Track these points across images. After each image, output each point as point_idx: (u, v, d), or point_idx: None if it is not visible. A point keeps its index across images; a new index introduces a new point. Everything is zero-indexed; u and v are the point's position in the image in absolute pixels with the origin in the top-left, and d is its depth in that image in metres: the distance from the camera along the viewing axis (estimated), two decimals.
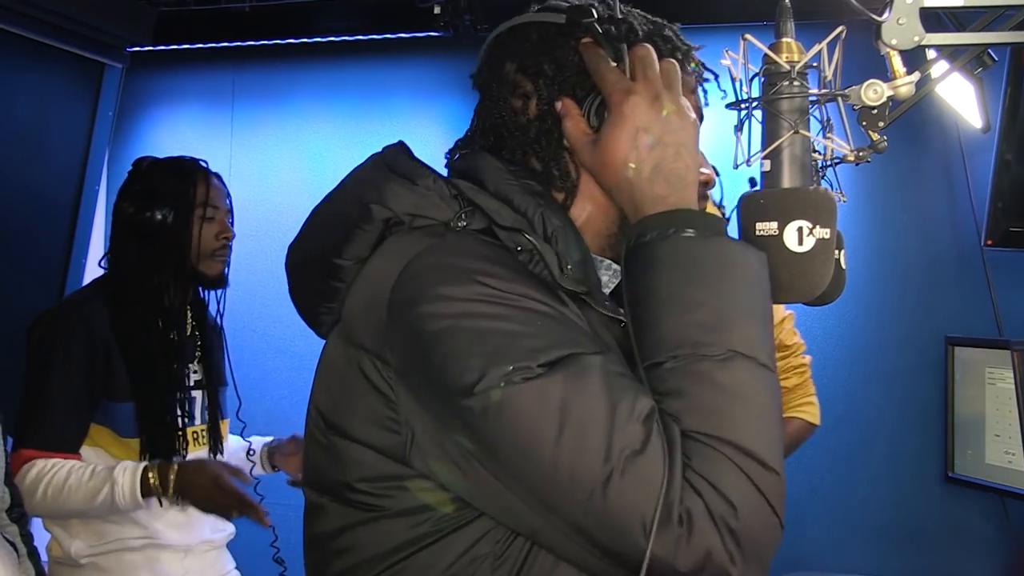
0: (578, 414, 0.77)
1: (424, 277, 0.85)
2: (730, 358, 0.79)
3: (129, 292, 1.93)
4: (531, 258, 0.89)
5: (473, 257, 0.87)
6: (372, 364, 0.87)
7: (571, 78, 0.95)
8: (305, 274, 0.99)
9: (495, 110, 0.99)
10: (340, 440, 0.90)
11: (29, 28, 2.61)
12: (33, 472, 1.80)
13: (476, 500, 0.85)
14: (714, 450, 0.76)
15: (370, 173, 0.97)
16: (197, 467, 1.87)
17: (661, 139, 0.89)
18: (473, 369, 0.79)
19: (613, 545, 0.77)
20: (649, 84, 0.90)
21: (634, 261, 0.86)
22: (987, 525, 2.60)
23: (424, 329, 0.82)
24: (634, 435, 0.76)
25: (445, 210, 0.92)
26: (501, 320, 0.81)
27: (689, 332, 0.80)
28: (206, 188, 1.98)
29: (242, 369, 2.18)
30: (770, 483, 0.77)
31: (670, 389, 0.79)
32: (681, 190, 0.89)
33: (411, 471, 0.86)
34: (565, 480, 0.76)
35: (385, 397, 0.86)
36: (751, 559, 0.75)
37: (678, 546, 0.74)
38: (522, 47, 0.98)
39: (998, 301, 2.57)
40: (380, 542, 0.88)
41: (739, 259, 0.85)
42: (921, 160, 2.71)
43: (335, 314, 0.95)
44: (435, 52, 3.04)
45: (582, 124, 0.94)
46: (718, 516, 0.74)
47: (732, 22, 2.57)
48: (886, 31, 1.02)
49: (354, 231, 0.93)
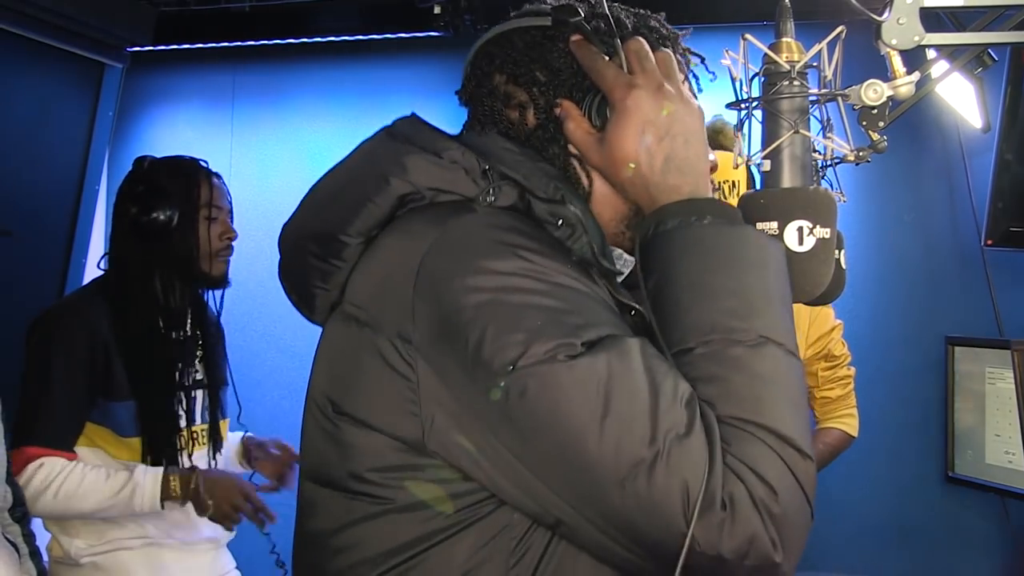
0: (623, 395, 0.75)
1: (461, 250, 0.82)
2: (762, 344, 0.79)
3: (131, 292, 1.93)
4: (572, 232, 0.87)
5: (512, 231, 0.84)
6: (390, 344, 0.83)
7: (566, 81, 0.93)
8: (301, 252, 0.94)
9: (489, 121, 0.96)
10: (351, 427, 0.86)
11: (29, 28, 2.61)
12: (42, 473, 1.80)
13: (498, 487, 0.81)
14: (752, 435, 0.75)
15: (384, 146, 0.93)
16: (218, 482, 1.89)
17: (669, 130, 0.88)
18: (515, 344, 0.76)
19: (651, 532, 0.74)
20: (649, 76, 0.89)
21: (654, 249, 0.85)
22: (987, 525, 2.60)
23: (462, 303, 0.79)
24: (679, 418, 0.74)
25: (471, 185, 0.89)
26: (544, 296, 0.79)
27: (719, 318, 0.79)
28: (209, 188, 1.98)
29: (242, 369, 2.18)
30: (805, 469, 0.76)
31: (703, 375, 0.78)
32: (695, 178, 0.88)
33: (426, 459, 0.82)
34: (607, 462, 0.74)
35: (404, 378, 0.82)
36: (790, 545, 0.74)
37: (722, 531, 0.72)
38: (509, 56, 0.95)
39: (998, 301, 2.57)
40: (386, 538, 0.84)
41: (762, 247, 0.85)
42: (921, 160, 2.71)
43: (331, 295, 0.92)
44: (435, 52, 3.04)
45: (584, 124, 0.92)
46: (760, 501, 0.73)
47: (732, 22, 2.57)
48: (886, 31, 1.02)
49: (364, 206, 0.89)
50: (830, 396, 2.24)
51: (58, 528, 1.91)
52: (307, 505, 0.92)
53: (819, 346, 2.19)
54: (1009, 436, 2.37)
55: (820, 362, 2.21)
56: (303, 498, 0.94)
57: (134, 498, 1.82)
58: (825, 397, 2.25)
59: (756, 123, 0.98)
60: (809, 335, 2.18)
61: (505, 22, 0.98)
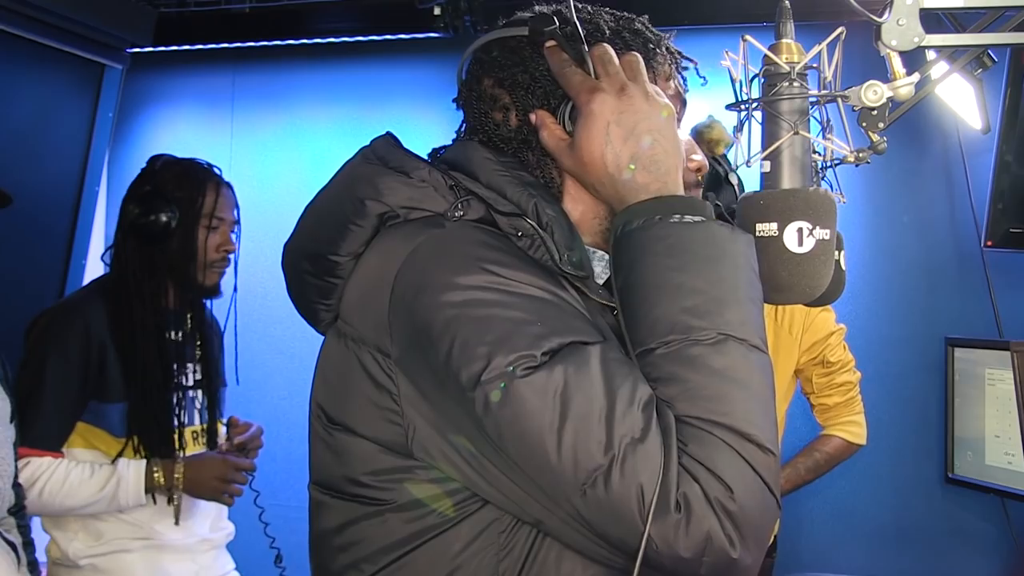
0: (579, 404, 0.77)
1: (430, 266, 0.86)
2: (722, 341, 0.80)
3: (128, 291, 1.93)
4: (532, 243, 0.90)
5: (477, 245, 0.87)
6: (372, 357, 0.88)
7: (544, 86, 0.96)
8: (302, 272, 0.99)
9: (478, 125, 1.00)
10: (343, 435, 0.91)
11: (30, 29, 2.61)
12: (28, 471, 1.80)
13: (480, 489, 0.85)
14: (709, 434, 0.77)
15: (361, 168, 0.97)
16: (202, 464, 1.90)
17: (633, 129, 0.89)
18: (479, 358, 0.79)
19: (614, 532, 0.77)
20: (612, 79, 0.91)
21: (621, 249, 0.87)
22: (987, 526, 2.60)
23: (430, 318, 0.83)
24: (635, 423, 0.77)
25: (441, 201, 0.93)
26: (506, 308, 0.82)
27: (680, 317, 0.81)
28: (215, 197, 1.97)
29: (242, 369, 2.18)
30: (766, 464, 0.78)
31: (663, 375, 0.80)
32: (663, 176, 0.89)
33: (415, 462, 0.86)
34: (566, 469, 0.77)
35: (385, 390, 0.87)
36: (750, 541, 0.76)
37: (677, 531, 0.75)
38: (495, 61, 0.99)
39: (998, 302, 2.57)
40: (384, 536, 0.89)
41: (726, 242, 0.86)
42: (921, 161, 2.71)
43: (332, 309, 0.96)
44: (435, 53, 3.03)
45: (557, 131, 0.94)
46: (715, 499, 0.75)
47: (732, 23, 2.57)
48: (886, 32, 1.02)
49: (349, 227, 0.93)
50: (827, 403, 2.22)
51: (57, 530, 1.91)
52: (314, 508, 0.98)
53: (814, 352, 2.17)
54: (1009, 437, 2.37)
55: (816, 368, 2.20)
56: (311, 502, 0.99)
57: (119, 491, 1.83)
58: (822, 404, 2.23)
59: (756, 124, 0.98)
60: (803, 340, 2.16)
61: (494, 31, 1.01)
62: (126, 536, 1.90)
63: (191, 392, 2.03)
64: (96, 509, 1.86)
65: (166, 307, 1.98)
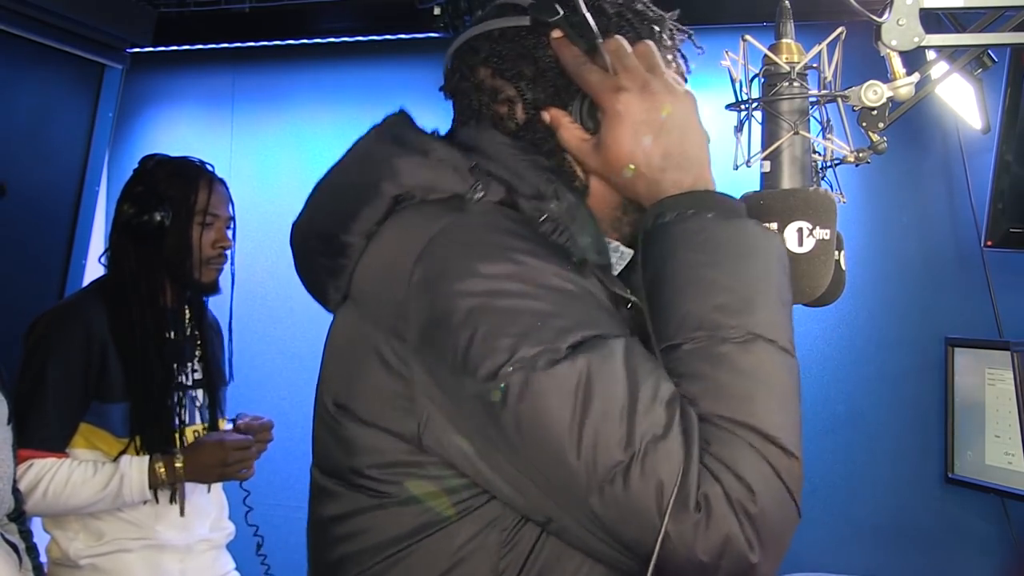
0: (601, 398, 0.75)
1: (453, 252, 0.83)
2: (750, 341, 0.78)
3: (126, 292, 1.93)
4: (555, 227, 0.87)
5: (503, 232, 0.85)
6: (386, 342, 0.85)
7: (552, 79, 0.93)
8: (311, 252, 0.97)
9: (479, 115, 0.96)
10: (351, 423, 0.88)
11: (29, 29, 2.61)
12: (32, 472, 1.80)
13: (489, 484, 0.83)
14: (733, 434, 0.75)
15: (376, 148, 0.95)
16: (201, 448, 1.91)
17: (663, 126, 0.87)
18: (502, 350, 0.77)
19: (630, 531, 0.75)
20: (632, 75, 0.88)
21: (653, 242, 0.85)
22: (987, 526, 2.60)
23: (453, 306, 0.80)
24: (657, 420, 0.75)
25: (459, 181, 0.89)
26: (532, 299, 0.80)
27: (709, 314, 0.79)
28: (208, 194, 1.97)
29: (242, 369, 2.18)
30: (789, 468, 0.76)
31: (688, 372, 0.78)
32: (696, 170, 0.88)
33: (422, 456, 0.84)
34: (585, 465, 0.74)
35: (399, 376, 0.84)
36: (770, 545, 0.74)
37: (696, 532, 0.72)
38: (495, 50, 0.96)
39: (998, 302, 2.56)
40: (386, 529, 0.87)
41: (760, 241, 0.84)
42: (921, 161, 2.71)
43: (342, 289, 0.93)
44: (435, 53, 3.02)
45: (577, 131, 0.92)
46: (736, 501, 0.73)
47: (732, 23, 2.56)
48: (886, 32, 1.02)
49: (362, 208, 0.90)
50: None
51: (57, 529, 1.91)
52: (315, 491, 0.95)
53: None
54: (1009, 437, 2.37)
55: None
56: (312, 484, 0.96)
57: (123, 487, 1.83)
58: None
59: (756, 124, 0.98)
60: None
61: (489, 19, 0.98)
62: (126, 536, 1.90)
63: (192, 391, 2.03)
64: (100, 507, 1.86)
65: (165, 306, 1.98)
